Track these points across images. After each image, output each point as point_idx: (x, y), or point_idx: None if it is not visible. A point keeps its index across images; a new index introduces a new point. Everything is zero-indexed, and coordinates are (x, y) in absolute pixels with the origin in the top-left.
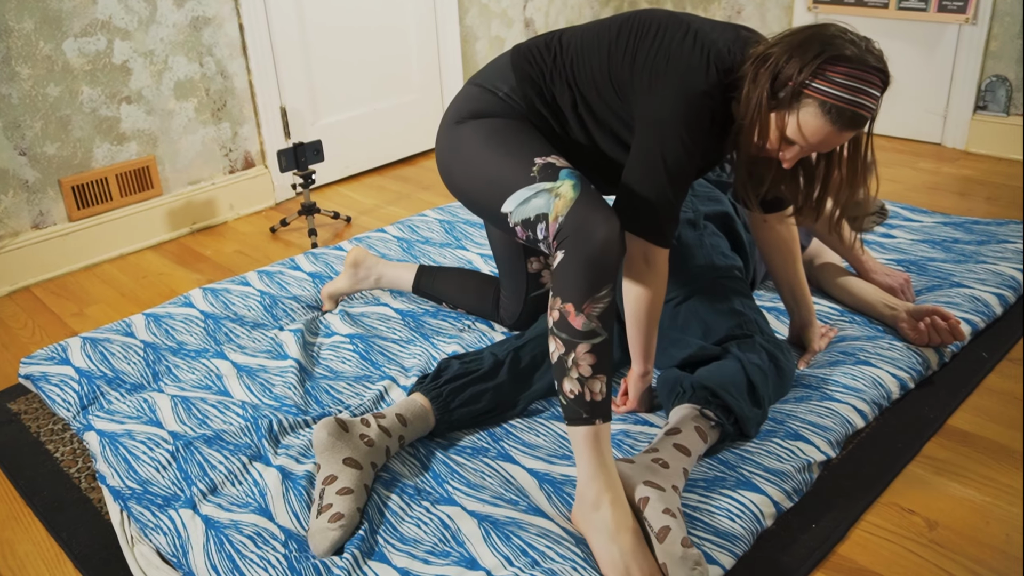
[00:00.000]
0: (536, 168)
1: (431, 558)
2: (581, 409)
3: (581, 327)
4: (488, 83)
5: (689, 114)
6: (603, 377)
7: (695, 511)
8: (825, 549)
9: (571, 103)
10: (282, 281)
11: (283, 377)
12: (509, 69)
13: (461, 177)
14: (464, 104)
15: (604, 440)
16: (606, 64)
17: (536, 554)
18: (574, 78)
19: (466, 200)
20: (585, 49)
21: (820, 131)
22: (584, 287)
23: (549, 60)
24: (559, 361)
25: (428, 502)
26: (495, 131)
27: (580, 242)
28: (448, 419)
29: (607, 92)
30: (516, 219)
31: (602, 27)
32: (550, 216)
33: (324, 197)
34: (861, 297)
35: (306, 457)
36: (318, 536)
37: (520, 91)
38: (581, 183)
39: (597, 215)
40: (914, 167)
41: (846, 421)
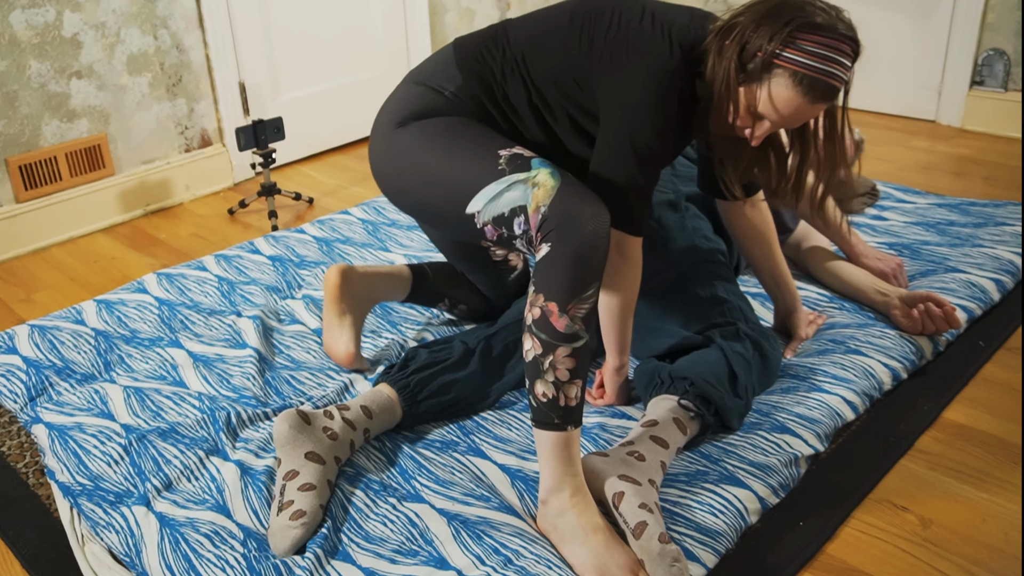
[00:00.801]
0: (503, 160)
1: (398, 558)
2: (553, 414)
3: (564, 329)
4: (432, 82)
5: (656, 95)
6: (580, 382)
7: (675, 506)
8: (813, 548)
9: (526, 100)
10: (241, 266)
11: (242, 367)
12: (454, 67)
13: (412, 183)
14: (405, 104)
15: (574, 446)
16: (562, 54)
17: (509, 552)
18: (528, 72)
19: (417, 209)
20: (537, 41)
21: (791, 103)
22: (571, 285)
23: (498, 56)
24: (534, 361)
25: (395, 499)
26: (447, 129)
27: (568, 234)
28: (416, 411)
29: (566, 83)
30: (486, 217)
31: (552, 16)
32: (529, 207)
33: (285, 177)
34: (851, 283)
35: (266, 451)
36: (279, 535)
37: (468, 90)
38: (559, 170)
39: (586, 206)
40: (907, 145)
41: (835, 413)
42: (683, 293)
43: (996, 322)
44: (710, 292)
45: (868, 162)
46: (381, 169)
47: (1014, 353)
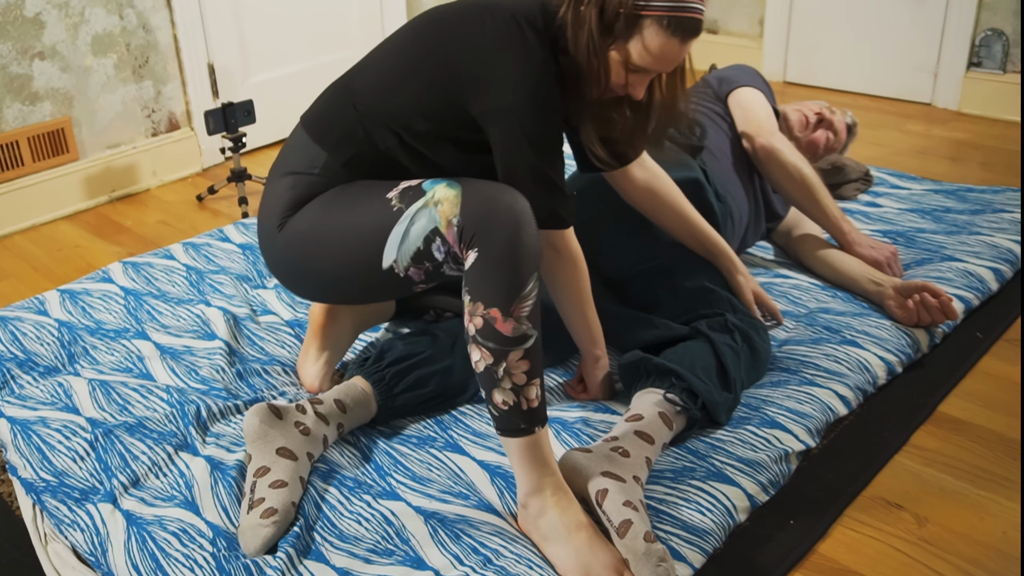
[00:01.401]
0: (395, 200)
1: (373, 557)
2: (518, 420)
3: (512, 333)
4: (297, 167)
5: (532, 92)
6: (538, 380)
7: (661, 504)
8: (804, 547)
9: (398, 144)
10: (210, 254)
11: (211, 359)
12: (312, 144)
13: (319, 279)
14: (277, 202)
15: (545, 446)
16: (423, 86)
17: (488, 552)
18: (390, 118)
19: (340, 297)
20: (388, 86)
21: (665, 48)
22: (508, 286)
23: (351, 115)
24: (487, 372)
25: (370, 496)
26: (329, 202)
27: (490, 235)
28: (391, 405)
29: (436, 112)
30: (404, 262)
31: (393, 56)
32: (441, 226)
33: (256, 162)
34: (844, 271)
35: (237, 446)
36: (249, 533)
37: (336, 160)
38: (455, 179)
39: (498, 200)
40: (902, 129)
41: (827, 408)
42: (669, 282)
43: (994, 313)
44: (697, 281)
45: (861, 147)
46: (281, 275)
47: (1013, 345)
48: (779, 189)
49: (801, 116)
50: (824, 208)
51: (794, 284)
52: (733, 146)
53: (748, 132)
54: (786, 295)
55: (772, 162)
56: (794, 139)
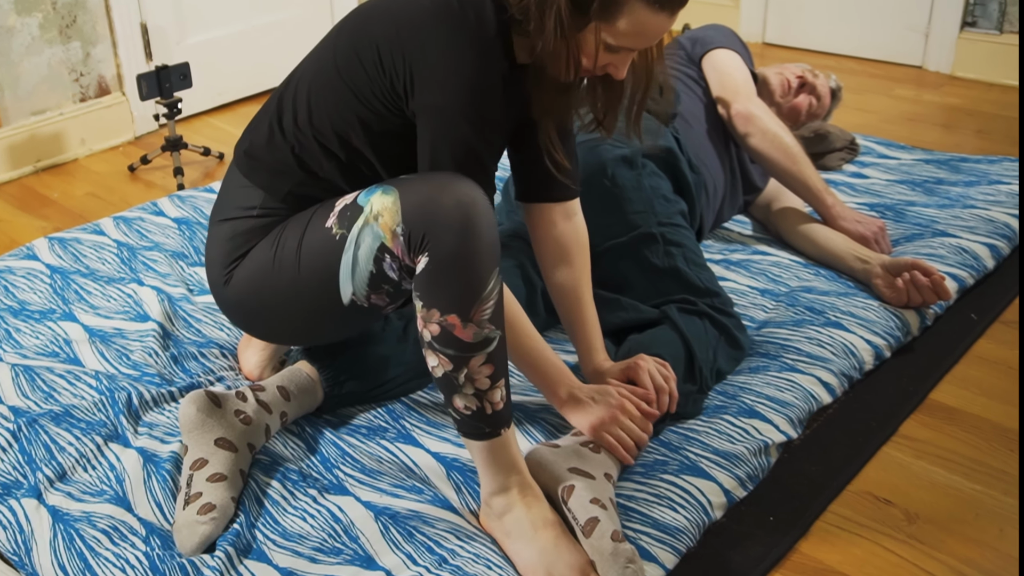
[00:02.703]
0: (334, 226)
1: (319, 556)
2: (482, 424)
3: (472, 339)
4: (234, 212)
5: (470, 88)
6: (502, 382)
7: (630, 500)
8: (785, 546)
9: (338, 168)
10: (143, 229)
11: (143, 342)
12: (247, 184)
13: (279, 326)
14: (219, 254)
15: (512, 446)
16: (365, 89)
17: (444, 551)
18: (324, 138)
19: (306, 339)
20: (316, 97)
21: (651, 24)
22: (466, 289)
23: (281, 142)
24: (446, 378)
25: (316, 490)
26: (272, 246)
27: (439, 235)
28: (339, 392)
29: (375, 119)
30: (362, 291)
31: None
32: (386, 240)
33: (192, 130)
34: (827, 248)
35: (172, 437)
36: (186, 530)
37: (276, 195)
38: (389, 183)
39: (442, 194)
40: (890, 94)
41: (810, 396)
42: (638, 261)
43: (990, 292)
44: (668, 261)
45: (846, 113)
46: (247, 330)
47: (1010, 327)
48: (758, 159)
49: (781, 80)
50: (806, 179)
51: (774, 261)
52: (708, 112)
53: (724, 97)
54: (765, 273)
55: (750, 130)
56: (774, 105)
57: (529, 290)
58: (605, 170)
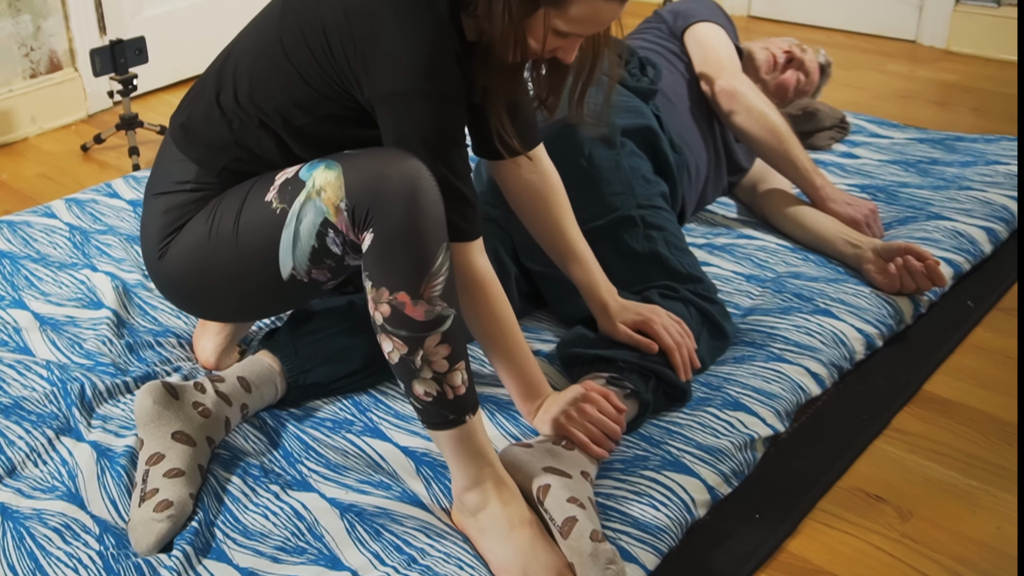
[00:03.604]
0: (274, 201)
1: (282, 556)
2: (445, 411)
3: (425, 317)
4: (167, 186)
5: (428, 67)
6: (462, 363)
7: (609, 498)
8: (771, 545)
9: (276, 146)
10: (96, 212)
11: (97, 330)
12: (181, 158)
13: (215, 302)
14: (153, 227)
15: (480, 434)
16: (315, 71)
17: (413, 551)
18: (264, 115)
19: (243, 315)
20: (257, 72)
21: (604, 11)
22: (414, 264)
23: (218, 116)
24: (402, 363)
25: (278, 486)
26: (207, 220)
27: (385, 210)
28: (303, 383)
29: (321, 101)
30: (302, 265)
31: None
32: (330, 215)
33: (148, 107)
34: (816, 232)
35: (127, 430)
36: (141, 529)
37: (209, 171)
38: (332, 157)
39: (388, 167)
40: (882, 70)
41: (798, 387)
42: (617, 245)
43: (987, 279)
44: (649, 246)
45: (836, 90)
46: (182, 307)
47: (1008, 315)
48: (743, 138)
49: (768, 55)
50: (794, 159)
51: (760, 246)
52: (690, 89)
53: (707, 73)
54: (751, 257)
55: (735, 107)
56: (760, 81)
57: (503, 275)
58: (582, 150)
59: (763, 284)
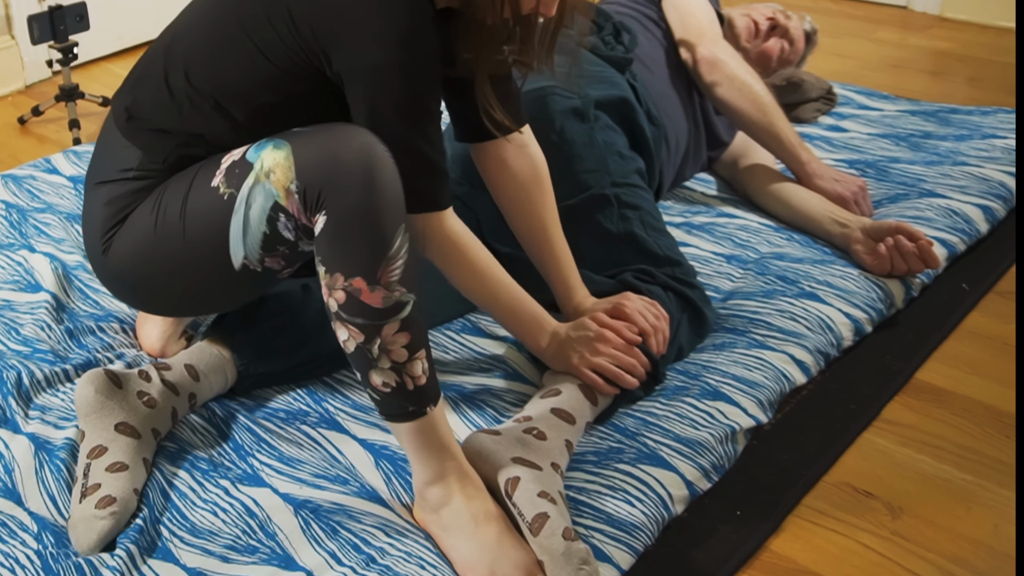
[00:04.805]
0: (222, 186)
1: (232, 555)
2: (404, 402)
3: (382, 304)
4: (110, 174)
5: (401, 38)
6: (423, 352)
7: (582, 493)
8: (753, 544)
9: (231, 130)
10: (34, 189)
11: (34, 315)
12: (126, 145)
13: (164, 297)
14: (95, 220)
15: (442, 426)
16: (260, 55)
17: (372, 550)
18: (220, 95)
19: (195, 310)
20: (212, 49)
21: None
22: (370, 248)
23: (166, 98)
24: (359, 352)
25: (228, 481)
26: (153, 210)
27: (338, 190)
28: (255, 372)
29: (285, 79)
30: (254, 254)
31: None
32: (280, 199)
33: (90, 77)
34: (802, 210)
35: (67, 421)
36: (82, 526)
37: (154, 157)
38: (280, 136)
39: (339, 143)
40: (871, 38)
41: (782, 375)
42: (591, 227)
43: (983, 260)
44: (624, 226)
45: (823, 58)
46: (130, 303)
47: (1006, 299)
48: (724, 110)
49: (750, 22)
50: (778, 133)
51: (741, 225)
52: (669, 57)
53: (687, 40)
54: (731, 237)
55: (716, 77)
56: (742, 49)
57: None
58: (553, 124)
59: (745, 266)
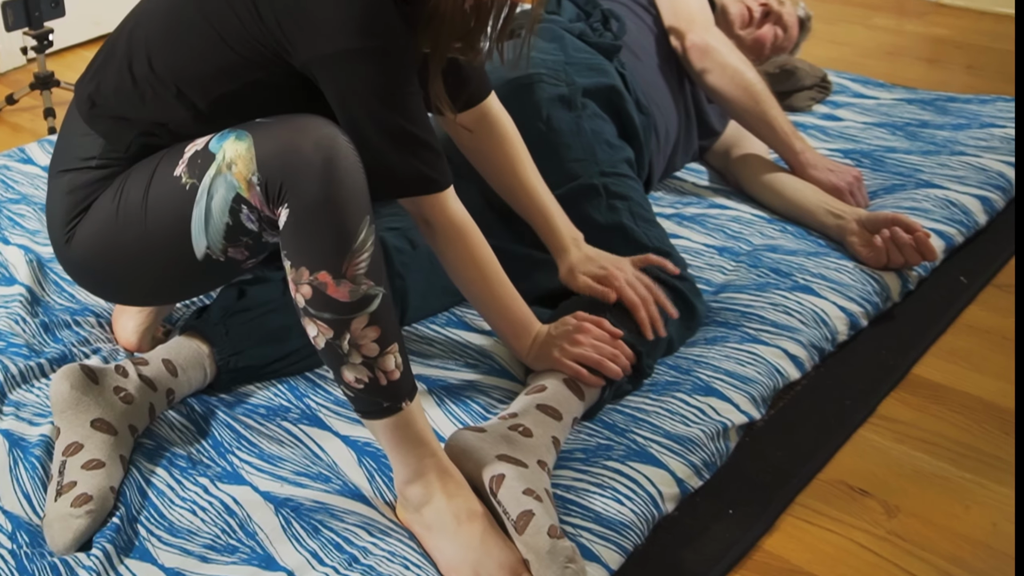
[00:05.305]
0: (183, 175)
1: (211, 555)
2: (379, 398)
3: (349, 297)
4: (71, 163)
5: (365, 20)
6: (395, 346)
7: (569, 491)
8: (746, 543)
9: (192, 118)
10: (8, 179)
11: (8, 308)
12: (88, 132)
13: (128, 285)
14: (58, 209)
15: (419, 421)
16: (220, 42)
17: (355, 549)
18: (182, 83)
19: (159, 298)
20: (173, 36)
21: None
22: (334, 241)
23: (128, 85)
24: (329, 348)
25: (207, 479)
26: (115, 199)
27: (300, 183)
28: (234, 366)
29: (246, 67)
30: (216, 244)
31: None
32: (242, 190)
33: (65, 65)
34: (796, 201)
35: (42, 418)
36: (57, 525)
37: (116, 146)
38: (243, 127)
39: (299, 135)
40: (867, 24)
41: (775, 370)
42: (579, 218)
43: (982, 252)
44: (612, 218)
45: (817, 45)
46: (94, 292)
47: (1004, 292)
48: (716, 98)
49: (742, 8)
50: (771, 121)
51: (734, 216)
52: (659, 45)
53: (677, 27)
54: (723, 229)
55: (707, 64)
56: (734, 37)
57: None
58: (539, 112)
59: (737, 258)
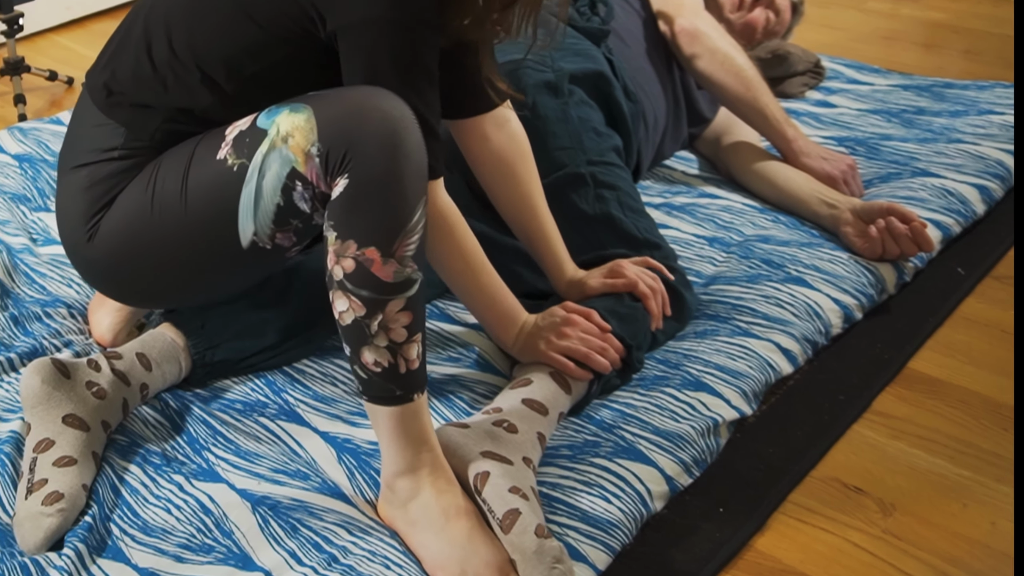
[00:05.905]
0: (230, 156)
1: (186, 554)
2: (393, 385)
3: (392, 278)
4: (90, 156)
5: None
6: (419, 336)
7: (555, 489)
8: (737, 542)
9: (221, 101)
10: None
11: None
12: (105, 122)
13: (159, 286)
14: (75, 207)
15: (424, 416)
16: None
17: (334, 548)
18: (206, 65)
19: (192, 298)
20: (195, 17)
21: None
22: (390, 217)
23: (148, 70)
24: (355, 325)
25: (182, 476)
26: (146, 190)
27: (365, 152)
28: (210, 361)
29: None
30: (265, 229)
31: None
32: (298, 164)
33: (36, 50)
34: (788, 190)
35: (11, 413)
36: (28, 524)
37: (140, 134)
38: (298, 100)
39: (366, 101)
40: (861, 8)
41: (767, 365)
42: (566, 208)
43: (980, 243)
44: (600, 208)
45: (810, 30)
46: (117, 292)
47: (1003, 284)
48: (706, 84)
49: None
50: (763, 108)
51: (724, 205)
52: (647, 29)
53: (666, 12)
54: (713, 219)
55: (696, 50)
56: (724, 21)
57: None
58: (525, 98)
59: (728, 249)
